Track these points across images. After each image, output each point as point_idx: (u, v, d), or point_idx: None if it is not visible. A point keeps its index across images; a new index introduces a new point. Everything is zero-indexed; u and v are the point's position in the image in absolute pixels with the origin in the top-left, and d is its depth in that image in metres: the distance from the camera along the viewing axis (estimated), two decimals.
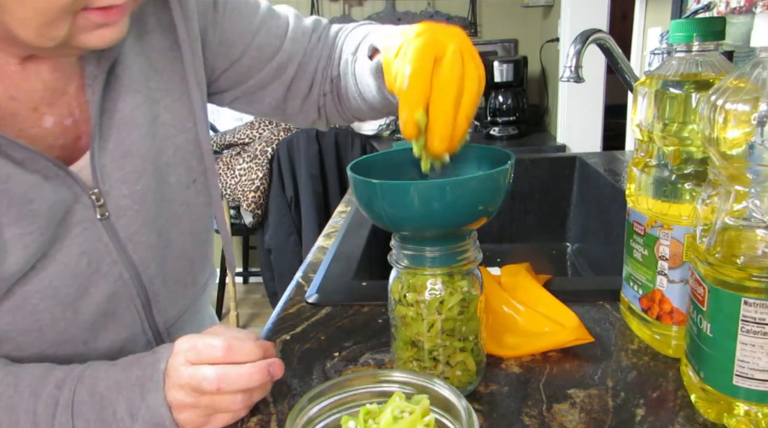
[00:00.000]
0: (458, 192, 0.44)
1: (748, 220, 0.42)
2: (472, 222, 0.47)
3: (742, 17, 0.93)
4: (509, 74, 2.34)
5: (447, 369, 0.51)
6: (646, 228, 0.56)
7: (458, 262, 0.49)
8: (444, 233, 0.48)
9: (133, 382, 0.50)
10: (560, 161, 1.39)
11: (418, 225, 0.47)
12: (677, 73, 0.52)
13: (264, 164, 2.26)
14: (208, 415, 0.50)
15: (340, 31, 0.73)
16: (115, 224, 0.57)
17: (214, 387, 0.47)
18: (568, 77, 0.92)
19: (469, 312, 0.51)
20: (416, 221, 0.46)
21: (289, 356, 0.62)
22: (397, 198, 0.45)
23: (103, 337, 0.58)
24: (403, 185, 0.45)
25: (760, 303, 0.42)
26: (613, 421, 0.49)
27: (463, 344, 0.51)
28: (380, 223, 0.48)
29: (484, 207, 0.46)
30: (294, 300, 0.74)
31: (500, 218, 1.42)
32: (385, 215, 0.46)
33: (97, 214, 0.55)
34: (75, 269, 0.54)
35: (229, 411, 0.50)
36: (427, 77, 0.47)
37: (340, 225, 1.01)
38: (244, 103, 0.73)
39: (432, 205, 0.44)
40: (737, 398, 0.45)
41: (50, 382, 0.50)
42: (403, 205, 0.45)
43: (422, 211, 0.45)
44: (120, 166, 0.56)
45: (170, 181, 0.61)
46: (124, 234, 0.57)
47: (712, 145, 0.43)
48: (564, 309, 0.62)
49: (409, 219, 0.46)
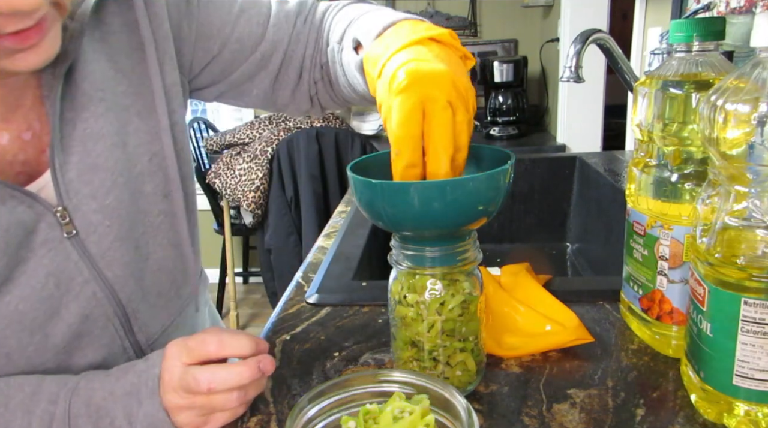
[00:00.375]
0: (458, 192, 0.44)
1: (748, 220, 0.42)
2: (473, 222, 0.47)
3: (742, 17, 0.93)
4: (509, 74, 2.34)
5: (447, 369, 0.51)
6: (646, 229, 0.56)
7: (458, 263, 0.49)
8: (444, 233, 0.48)
9: (128, 390, 0.49)
10: (560, 161, 1.39)
11: (418, 225, 0.47)
12: (677, 73, 0.52)
13: (264, 164, 2.26)
14: (206, 415, 0.50)
15: (327, 12, 0.68)
16: (85, 241, 0.54)
17: (204, 387, 0.47)
18: (568, 77, 0.92)
19: (470, 313, 0.51)
20: (416, 221, 0.46)
21: (289, 356, 0.62)
22: (397, 198, 0.45)
23: (79, 358, 0.56)
24: (403, 185, 0.45)
25: (760, 303, 0.42)
26: (613, 421, 0.49)
27: (463, 344, 0.51)
28: (380, 223, 0.48)
29: (484, 207, 0.46)
30: (294, 300, 0.74)
31: (500, 218, 1.42)
32: (385, 215, 0.46)
33: (64, 233, 0.52)
34: (42, 292, 0.51)
35: (226, 409, 0.50)
36: (417, 139, 0.46)
37: (340, 225, 1.01)
38: (231, 97, 0.70)
39: (432, 205, 0.44)
40: (737, 398, 0.45)
41: (43, 398, 0.49)
42: (403, 205, 0.45)
43: (422, 211, 0.45)
44: (87, 181, 0.53)
45: (145, 191, 0.58)
46: (95, 251, 0.54)
47: (712, 145, 0.43)
48: (564, 309, 0.62)
49: (409, 220, 0.46)
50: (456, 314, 0.50)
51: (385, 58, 0.50)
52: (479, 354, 0.53)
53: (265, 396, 0.55)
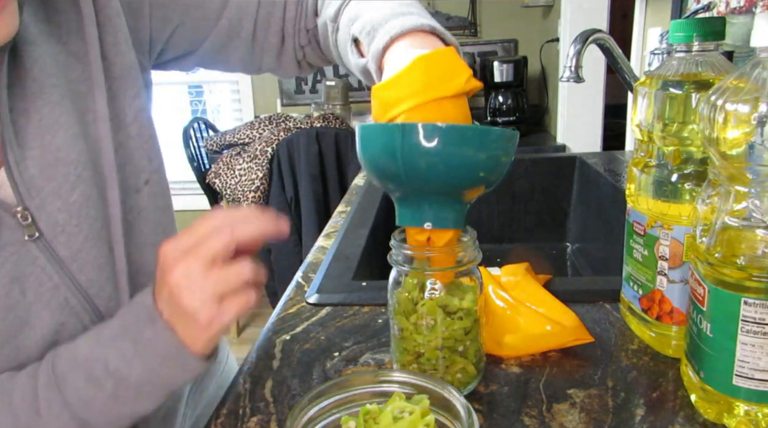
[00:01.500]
0: (471, 141, 0.44)
1: (748, 220, 0.42)
2: (473, 181, 0.46)
3: (742, 17, 0.93)
4: (509, 74, 2.34)
5: (447, 369, 0.51)
6: (646, 229, 0.56)
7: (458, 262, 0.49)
8: (444, 191, 0.47)
9: (116, 333, 0.46)
10: (560, 161, 1.39)
11: (431, 176, 0.45)
12: (677, 73, 0.52)
13: (264, 164, 2.26)
14: (214, 292, 0.43)
15: None
16: (52, 243, 0.49)
17: (192, 232, 0.43)
18: (568, 77, 0.92)
19: (470, 313, 0.51)
20: (430, 170, 0.44)
21: (289, 356, 0.62)
22: (413, 138, 0.43)
23: None
24: (428, 125, 0.43)
25: (760, 303, 0.42)
26: (613, 421, 0.49)
27: (463, 344, 0.51)
28: (385, 176, 0.47)
29: (485, 171, 0.45)
30: (294, 300, 0.74)
31: (500, 218, 1.42)
32: (396, 164, 0.44)
33: (26, 235, 0.48)
34: (6, 300, 0.47)
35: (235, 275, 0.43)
36: None
37: (340, 225, 1.01)
38: (209, 66, 0.67)
39: (433, 146, 0.43)
40: (737, 398, 0.45)
41: (21, 379, 0.46)
42: (416, 147, 0.43)
43: (423, 154, 0.43)
44: (49, 177, 0.48)
45: (114, 186, 0.52)
46: (65, 253, 0.49)
47: (712, 145, 0.43)
48: (564, 309, 0.62)
49: (422, 170, 0.45)
50: (457, 317, 0.50)
51: (395, 113, 0.47)
52: (479, 354, 0.53)
53: (265, 396, 0.55)
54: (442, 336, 0.50)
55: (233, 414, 0.53)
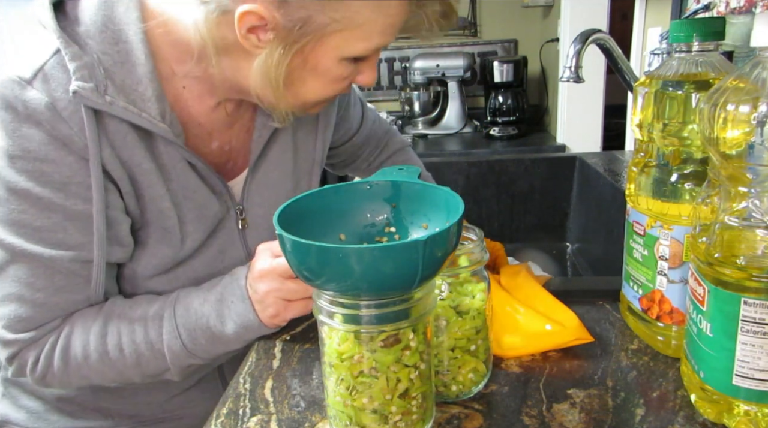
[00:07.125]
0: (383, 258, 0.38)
1: (748, 220, 0.42)
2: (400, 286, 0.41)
3: (742, 17, 0.93)
4: (509, 74, 2.34)
5: (459, 369, 0.51)
6: (646, 228, 0.56)
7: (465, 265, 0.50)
8: None
9: (218, 297, 0.64)
10: (560, 161, 1.39)
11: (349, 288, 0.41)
12: (677, 73, 0.52)
13: None
14: (288, 300, 0.61)
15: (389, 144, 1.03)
16: (248, 234, 0.74)
17: None
18: (568, 77, 0.92)
19: (480, 313, 0.51)
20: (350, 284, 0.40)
21: (289, 356, 0.62)
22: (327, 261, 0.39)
23: None
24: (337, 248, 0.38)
25: (760, 303, 0.42)
26: (613, 421, 0.49)
27: (475, 343, 0.51)
28: None
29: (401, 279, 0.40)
30: None
31: (500, 218, 1.42)
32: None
33: (239, 225, 0.73)
34: (213, 262, 0.71)
35: (307, 295, 0.61)
36: None
37: None
38: None
39: (353, 268, 0.38)
40: (737, 398, 0.45)
41: (150, 314, 0.65)
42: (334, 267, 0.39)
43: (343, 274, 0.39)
44: (261, 193, 0.74)
45: None
46: (251, 242, 0.74)
47: (712, 145, 0.43)
48: (564, 309, 0.62)
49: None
50: (470, 317, 0.50)
51: None
52: (488, 353, 0.53)
53: (265, 396, 0.55)
54: (455, 337, 0.50)
55: (233, 414, 0.53)
